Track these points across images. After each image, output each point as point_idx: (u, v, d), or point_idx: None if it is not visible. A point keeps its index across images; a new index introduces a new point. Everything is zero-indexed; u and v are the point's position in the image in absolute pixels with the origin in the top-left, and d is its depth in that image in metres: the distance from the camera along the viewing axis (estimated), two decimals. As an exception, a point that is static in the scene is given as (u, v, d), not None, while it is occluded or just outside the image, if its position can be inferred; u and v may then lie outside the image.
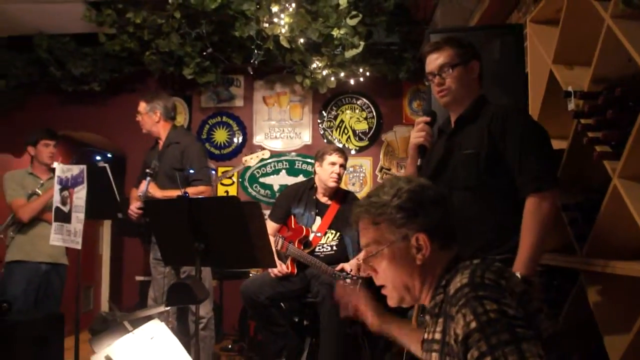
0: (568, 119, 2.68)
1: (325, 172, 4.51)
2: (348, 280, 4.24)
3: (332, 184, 4.52)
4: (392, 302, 1.69)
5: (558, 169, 2.73)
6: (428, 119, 2.60)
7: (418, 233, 1.57)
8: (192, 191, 4.16)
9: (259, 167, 6.91)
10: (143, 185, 4.28)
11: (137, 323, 2.01)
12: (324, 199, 4.61)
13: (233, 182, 7.02)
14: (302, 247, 4.46)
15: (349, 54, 5.60)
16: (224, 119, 7.17)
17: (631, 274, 2.14)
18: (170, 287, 2.63)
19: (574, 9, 2.70)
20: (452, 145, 2.54)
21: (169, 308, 2.64)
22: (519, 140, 2.34)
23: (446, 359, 1.45)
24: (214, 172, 5.92)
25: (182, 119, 7.08)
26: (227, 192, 7.00)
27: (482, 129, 2.43)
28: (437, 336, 1.51)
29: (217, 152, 7.11)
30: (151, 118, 4.57)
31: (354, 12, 5.27)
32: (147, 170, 4.33)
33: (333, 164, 4.49)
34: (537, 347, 1.29)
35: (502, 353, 1.28)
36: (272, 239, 4.40)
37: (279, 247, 4.44)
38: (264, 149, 6.61)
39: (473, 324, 1.34)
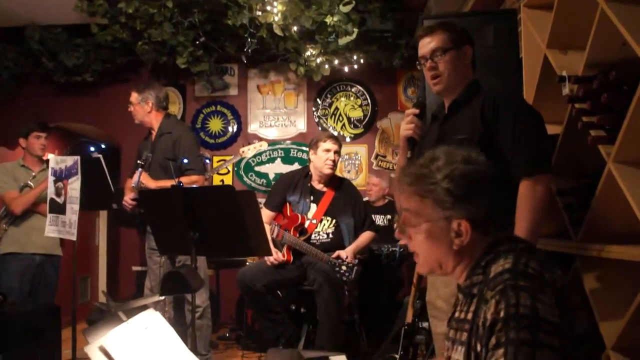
0: (563, 104, 2.67)
1: (320, 159, 4.51)
2: (344, 268, 4.24)
3: (328, 171, 4.52)
4: (421, 271, 1.70)
5: (552, 152, 2.72)
6: (417, 110, 2.58)
7: (461, 219, 1.53)
8: (185, 181, 4.15)
9: (254, 156, 6.88)
10: (135, 176, 4.28)
11: (132, 313, 2.00)
12: (319, 186, 4.61)
13: (228, 171, 7.01)
14: (297, 235, 4.46)
15: (343, 41, 5.58)
16: (219, 108, 7.14)
17: (626, 259, 2.14)
18: (164, 276, 2.63)
19: (568, -7, 2.68)
20: (446, 130, 2.53)
21: (163, 298, 2.63)
22: (512, 124, 2.33)
23: (473, 340, 1.44)
24: (208, 161, 5.90)
25: (176, 109, 7.05)
26: (222, 181, 6.98)
27: (475, 113, 2.41)
28: (470, 316, 1.50)
29: (212, 141, 7.10)
30: (143, 108, 4.55)
31: (346, -1, 5.26)
32: (139, 162, 4.33)
33: (327, 150, 4.49)
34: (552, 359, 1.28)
35: (514, 350, 1.28)
36: (267, 227, 4.41)
37: (274, 235, 4.45)
38: (259, 137, 6.62)
39: (502, 313, 1.33)
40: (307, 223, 4.50)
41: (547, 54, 2.89)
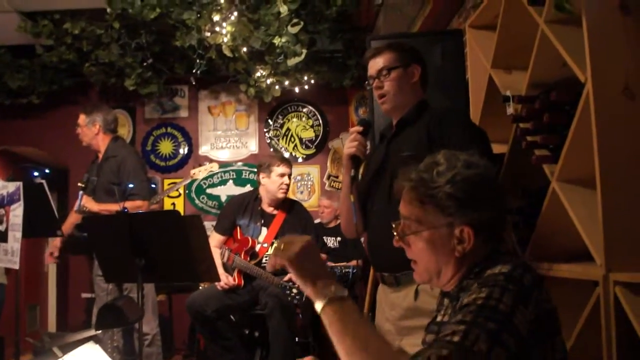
0: (508, 123, 2.68)
1: (274, 184, 4.46)
2: (295, 291, 4.19)
3: (282, 195, 4.49)
4: (419, 279, 1.65)
5: (498, 171, 2.73)
6: (360, 128, 2.55)
7: (464, 225, 1.49)
8: (129, 206, 4.08)
9: (206, 178, 6.80)
10: (77, 200, 4.21)
11: (69, 347, 1.91)
12: (269, 209, 4.56)
13: (180, 194, 6.91)
14: (248, 259, 4.39)
15: (292, 62, 5.57)
16: (169, 130, 7.06)
17: (571, 277, 2.15)
18: (99, 310, 2.53)
19: (510, 14, 2.71)
20: (391, 149, 2.52)
21: (99, 332, 2.54)
22: (456, 141, 2.32)
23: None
24: (154, 186, 5.80)
25: (125, 131, 6.94)
26: (173, 204, 6.89)
27: (420, 131, 2.40)
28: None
29: (162, 163, 7.00)
30: (90, 130, 4.48)
31: (295, 20, 5.24)
32: (79, 184, 4.27)
33: (282, 175, 4.46)
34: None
35: (476, 334, 1.25)
36: (217, 251, 4.34)
37: (225, 259, 4.37)
38: (210, 159, 6.55)
39: (480, 301, 1.32)
40: (257, 247, 4.44)
41: (492, 73, 2.90)
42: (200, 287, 5.12)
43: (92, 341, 2.00)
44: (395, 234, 1.64)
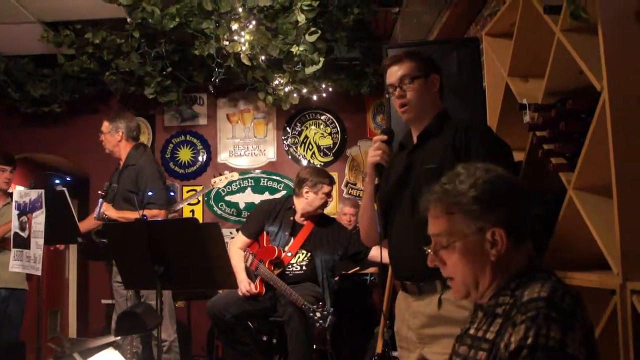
0: (525, 132, 2.69)
1: (319, 201, 4.50)
2: (318, 314, 4.10)
3: (321, 211, 4.58)
4: (458, 296, 1.66)
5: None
6: (385, 137, 2.55)
7: (494, 227, 1.50)
8: (146, 214, 4.12)
9: (225, 186, 6.84)
10: (97, 207, 4.28)
11: (89, 353, 1.95)
12: (300, 219, 4.56)
13: (199, 202, 6.95)
14: (272, 268, 4.37)
15: (309, 70, 5.58)
16: (188, 137, 7.11)
17: (587, 285, 2.15)
18: (118, 316, 2.56)
19: (526, 22, 2.72)
20: (414, 160, 2.51)
21: (118, 338, 2.57)
22: (482, 155, 2.32)
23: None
24: (172, 194, 5.84)
25: (145, 139, 7.00)
26: (192, 211, 6.93)
27: (445, 143, 2.40)
28: (489, 336, 1.48)
29: (181, 171, 7.05)
30: (113, 137, 4.55)
31: (312, 29, 5.27)
32: (99, 192, 4.34)
33: (328, 194, 4.53)
34: None
35: None
36: (241, 253, 4.37)
37: (248, 264, 4.38)
38: (228, 167, 6.60)
39: (529, 340, 1.32)
40: (282, 255, 4.42)
41: (509, 81, 2.91)
42: (220, 292, 5.15)
43: (112, 347, 2.03)
44: (428, 252, 1.64)
